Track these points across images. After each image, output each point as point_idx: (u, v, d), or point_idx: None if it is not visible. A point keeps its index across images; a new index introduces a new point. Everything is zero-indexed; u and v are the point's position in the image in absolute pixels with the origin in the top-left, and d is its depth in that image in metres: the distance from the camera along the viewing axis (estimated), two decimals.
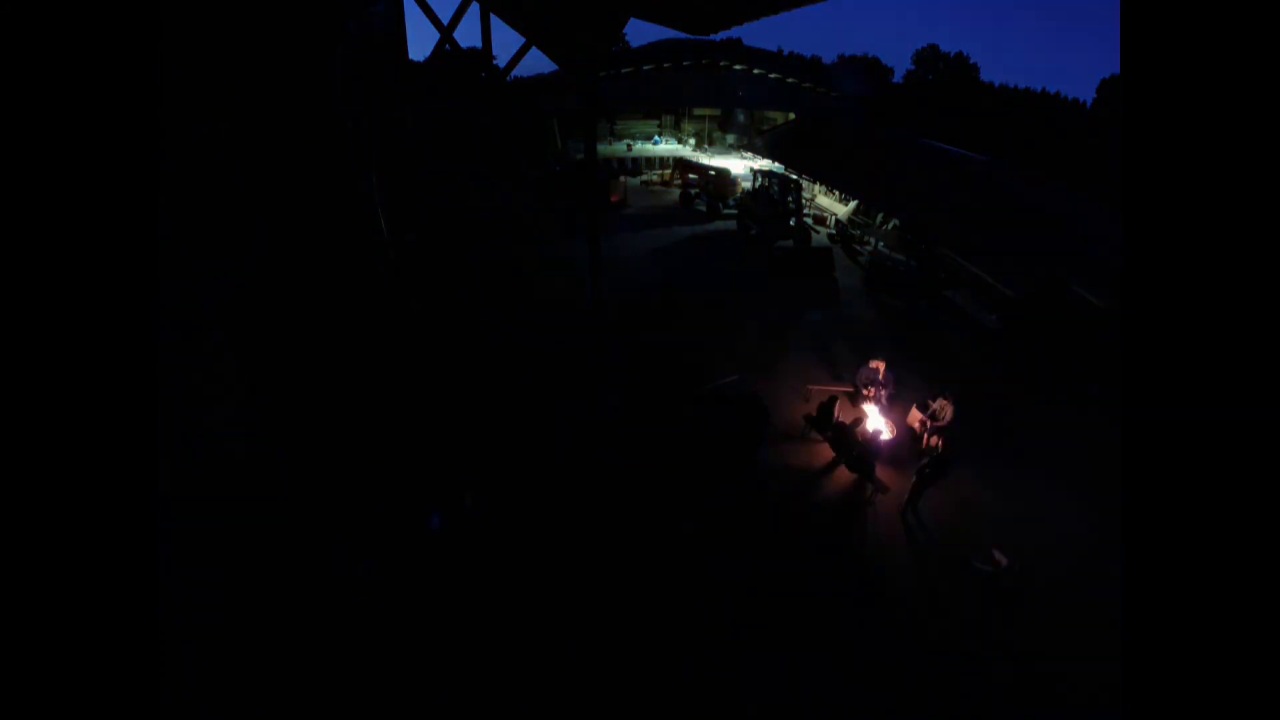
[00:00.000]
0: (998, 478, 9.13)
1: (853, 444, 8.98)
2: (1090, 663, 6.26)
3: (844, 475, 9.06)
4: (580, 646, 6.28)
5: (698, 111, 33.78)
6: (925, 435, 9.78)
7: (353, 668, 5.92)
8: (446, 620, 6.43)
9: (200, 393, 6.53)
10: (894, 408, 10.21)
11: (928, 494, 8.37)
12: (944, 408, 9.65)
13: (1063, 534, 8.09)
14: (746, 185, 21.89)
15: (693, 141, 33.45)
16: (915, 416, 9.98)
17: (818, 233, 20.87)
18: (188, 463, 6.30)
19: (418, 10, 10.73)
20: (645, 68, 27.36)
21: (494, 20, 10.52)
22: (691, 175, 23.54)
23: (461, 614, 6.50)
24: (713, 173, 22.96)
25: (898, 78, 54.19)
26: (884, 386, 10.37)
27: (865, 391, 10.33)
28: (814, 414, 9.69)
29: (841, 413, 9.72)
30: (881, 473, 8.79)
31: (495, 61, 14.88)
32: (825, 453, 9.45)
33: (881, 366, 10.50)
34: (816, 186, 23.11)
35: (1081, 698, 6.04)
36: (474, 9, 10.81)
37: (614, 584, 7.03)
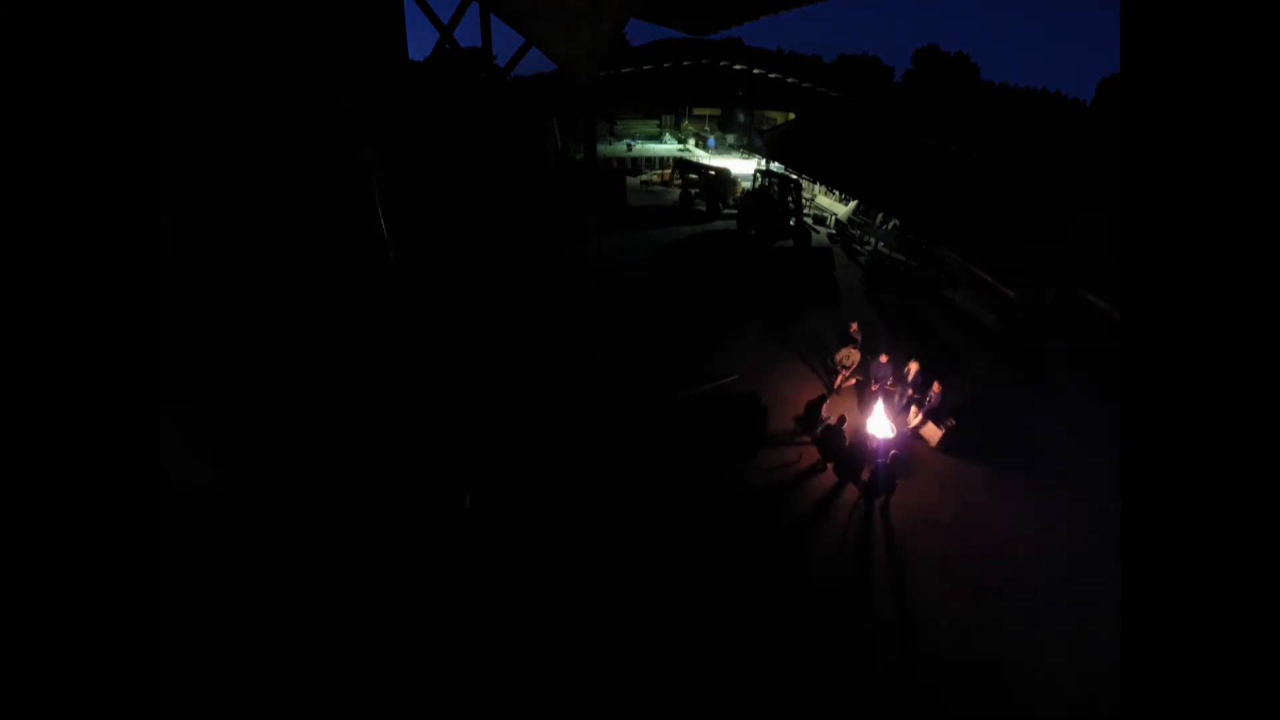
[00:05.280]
0: (997, 478, 9.11)
1: (838, 445, 8.86)
2: (1089, 663, 6.27)
3: (842, 476, 9.02)
4: (580, 646, 6.28)
5: (698, 111, 33.83)
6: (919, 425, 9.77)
7: (353, 667, 5.92)
8: (445, 620, 6.43)
9: (199, 392, 6.54)
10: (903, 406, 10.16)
11: (927, 493, 8.33)
12: (849, 355, 10.91)
13: (1063, 534, 8.08)
14: (746, 185, 21.91)
15: (693, 141, 33.46)
16: (915, 414, 9.98)
17: (818, 233, 20.86)
18: (187, 461, 6.30)
19: (418, 10, 10.73)
20: (645, 68, 27.36)
21: (494, 20, 10.50)
22: (691, 175, 23.53)
23: (460, 613, 6.50)
24: (713, 173, 22.95)
25: (898, 78, 54.30)
26: (902, 384, 10.27)
27: (873, 386, 10.26)
28: (803, 414, 9.63)
29: (842, 411, 9.69)
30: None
31: (495, 61, 14.87)
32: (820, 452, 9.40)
33: (914, 367, 10.40)
34: (816, 186, 23.10)
35: (1080, 698, 6.04)
36: (474, 9, 10.80)
37: (611, 583, 7.03)
